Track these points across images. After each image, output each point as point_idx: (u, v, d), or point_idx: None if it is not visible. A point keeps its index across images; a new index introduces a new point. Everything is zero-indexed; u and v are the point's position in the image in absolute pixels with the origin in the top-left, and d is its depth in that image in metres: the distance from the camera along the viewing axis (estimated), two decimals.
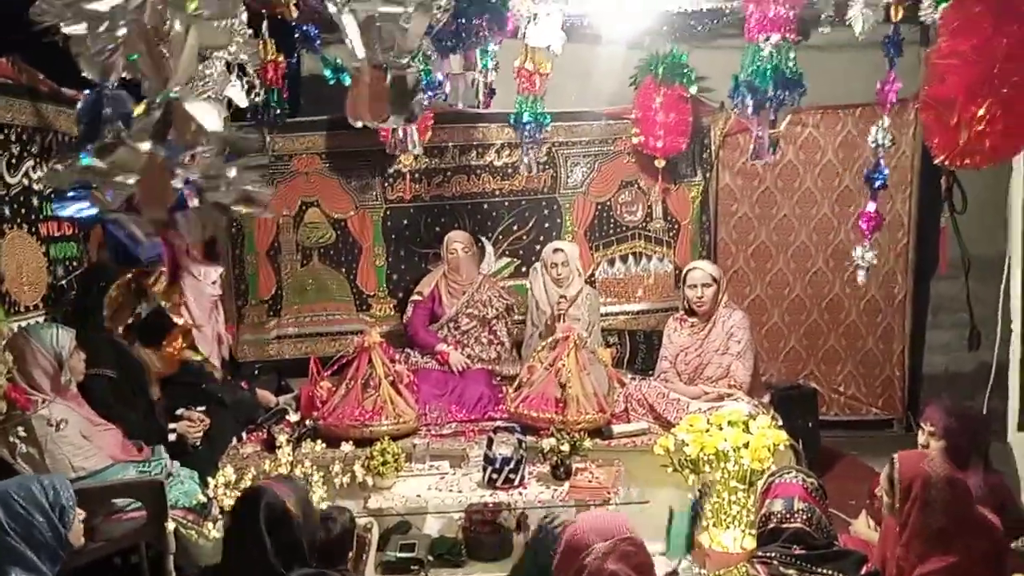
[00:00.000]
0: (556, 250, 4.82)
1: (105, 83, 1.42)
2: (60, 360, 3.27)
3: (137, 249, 1.51)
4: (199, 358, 3.95)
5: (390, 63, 1.62)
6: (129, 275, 3.74)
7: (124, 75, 1.41)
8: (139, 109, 1.39)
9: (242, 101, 2.33)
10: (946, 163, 2.83)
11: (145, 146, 1.35)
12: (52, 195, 1.44)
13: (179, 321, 3.81)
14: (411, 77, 1.66)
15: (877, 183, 3.17)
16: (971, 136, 2.83)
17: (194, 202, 1.41)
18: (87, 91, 1.47)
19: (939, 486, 2.39)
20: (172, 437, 3.73)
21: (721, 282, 4.38)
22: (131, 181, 1.36)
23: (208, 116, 1.35)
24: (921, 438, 3.23)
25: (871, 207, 3.24)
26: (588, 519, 2.17)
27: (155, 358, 3.82)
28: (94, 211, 1.45)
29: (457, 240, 4.97)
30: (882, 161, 3.15)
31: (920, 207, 5.14)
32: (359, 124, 1.78)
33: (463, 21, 2.66)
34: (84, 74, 1.43)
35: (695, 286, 4.31)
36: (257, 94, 2.78)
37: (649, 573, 2.07)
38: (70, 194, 1.43)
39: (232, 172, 1.45)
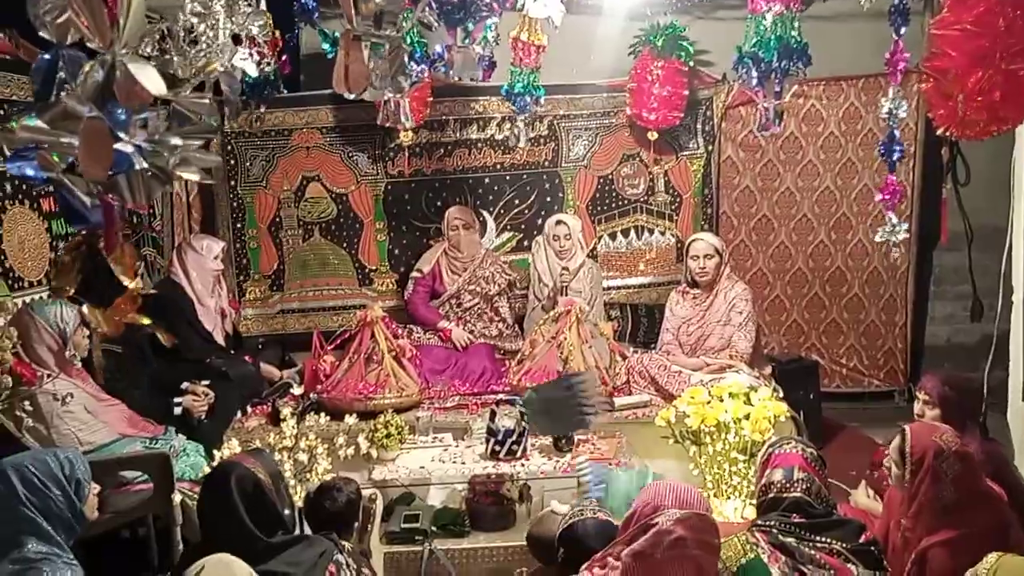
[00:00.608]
0: (559, 222, 4.82)
1: (61, 43, 1.38)
2: (64, 336, 3.29)
3: (86, 211, 1.48)
4: (147, 322, 3.87)
5: (369, 35, 1.60)
6: (80, 237, 3.70)
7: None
8: (84, 70, 1.36)
9: (252, 71, 2.32)
10: (948, 134, 2.82)
11: (86, 107, 1.31)
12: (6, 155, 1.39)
13: (129, 284, 3.73)
14: (393, 48, 1.64)
15: (895, 155, 3.12)
16: (972, 107, 2.81)
17: (137, 165, 1.37)
18: (45, 52, 1.45)
19: (951, 460, 2.40)
20: (178, 411, 3.76)
21: (723, 254, 4.38)
22: (75, 142, 1.33)
23: (152, 80, 1.33)
24: (916, 407, 3.25)
25: (892, 178, 3.19)
26: (669, 485, 2.12)
27: (101, 319, 3.74)
28: (43, 172, 1.42)
29: (458, 216, 4.93)
30: (897, 132, 3.10)
31: (923, 178, 5.12)
32: (348, 96, 1.76)
33: None
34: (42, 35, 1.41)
35: (697, 257, 4.32)
36: (267, 64, 2.75)
37: (714, 555, 2.02)
38: (21, 154, 1.40)
39: (176, 137, 1.42)
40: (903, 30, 2.89)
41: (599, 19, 4.99)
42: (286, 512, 2.43)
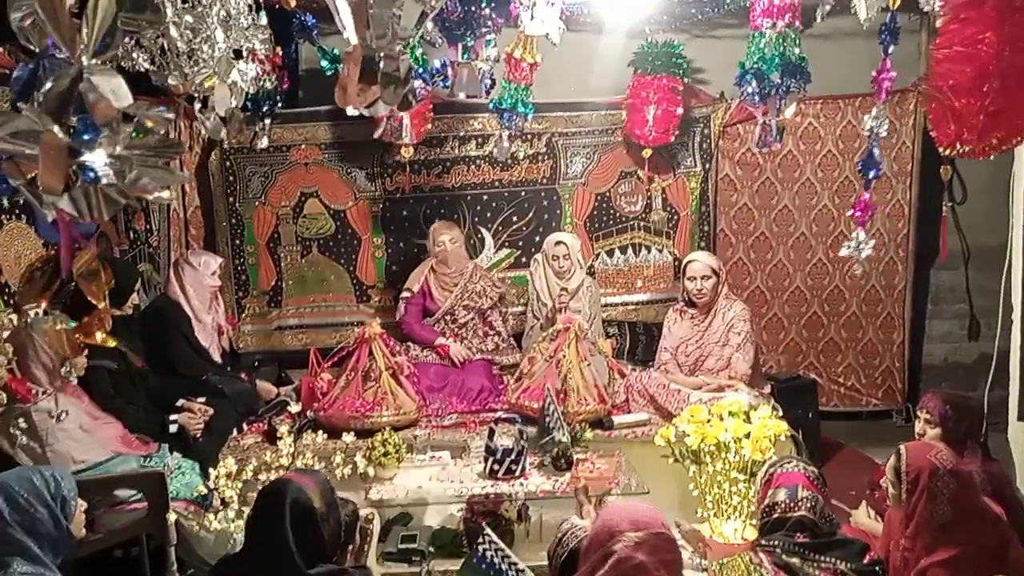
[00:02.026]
0: (558, 242, 4.78)
1: (44, 52, 1.33)
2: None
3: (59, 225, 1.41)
4: (113, 344, 3.70)
5: (382, 50, 1.57)
6: (52, 251, 3.59)
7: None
8: (49, 81, 1.30)
9: (250, 87, 2.31)
10: (949, 153, 2.82)
11: (44, 120, 1.26)
12: None
13: (99, 305, 3.54)
14: (403, 65, 1.61)
15: (871, 173, 3.12)
16: (973, 126, 2.82)
17: (101, 181, 1.31)
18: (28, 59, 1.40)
19: (946, 478, 2.39)
20: (173, 428, 3.72)
21: (721, 274, 4.36)
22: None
23: (118, 90, 1.28)
24: (918, 426, 3.24)
25: (865, 196, 3.20)
26: (624, 506, 2.11)
27: (64, 340, 3.43)
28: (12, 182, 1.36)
29: (444, 232, 4.84)
30: (875, 150, 3.10)
31: (921, 196, 5.14)
32: (350, 112, 1.73)
33: (472, 9, 2.64)
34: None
35: (694, 278, 4.29)
36: (267, 81, 2.72)
37: (677, 571, 2.02)
38: None
39: (137, 151, 1.37)
40: (891, 49, 2.90)
41: (598, 37, 5.01)
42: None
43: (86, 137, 1.25)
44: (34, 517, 2.15)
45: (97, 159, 1.27)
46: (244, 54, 2.17)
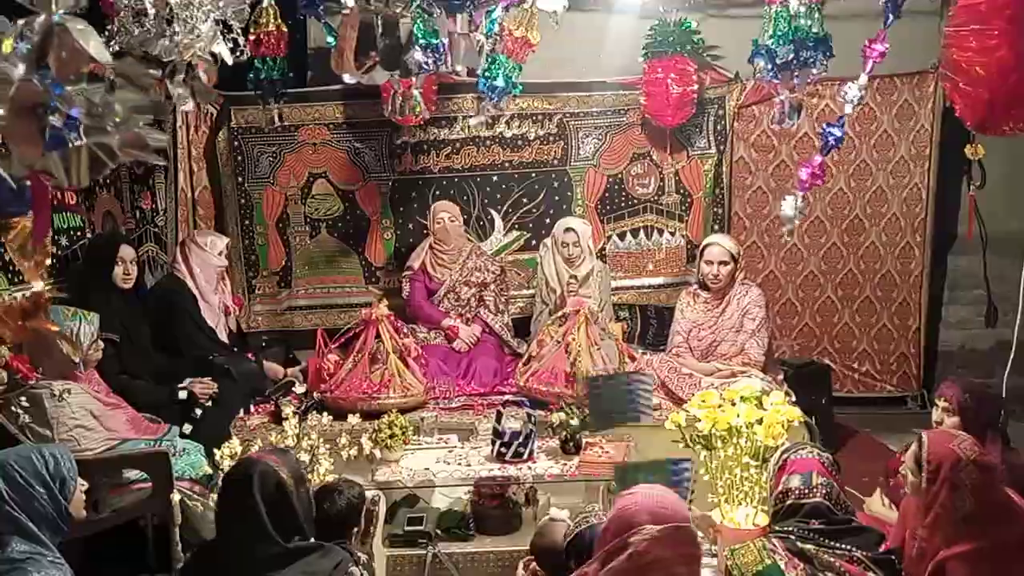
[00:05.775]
0: (568, 229, 4.70)
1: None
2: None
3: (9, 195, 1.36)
4: (55, 329, 3.59)
5: (381, 12, 1.50)
6: None
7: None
8: (11, 31, 1.20)
9: (228, 59, 2.25)
10: (973, 130, 2.75)
11: (19, 72, 1.18)
12: None
13: (36, 286, 3.47)
14: (403, 29, 1.54)
15: (831, 138, 3.10)
16: (988, 104, 2.75)
17: (74, 142, 1.22)
18: None
19: (969, 469, 2.31)
20: (183, 395, 3.73)
21: (739, 259, 4.27)
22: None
23: (95, 45, 1.19)
24: (935, 414, 3.18)
25: (818, 159, 3.15)
26: (645, 495, 2.02)
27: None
28: None
29: (444, 210, 4.82)
30: (845, 119, 3.09)
31: (939, 181, 5.04)
32: (347, 79, 1.66)
33: None
34: None
35: (711, 262, 4.21)
36: (241, 52, 2.64)
37: (695, 566, 1.97)
38: None
39: (119, 109, 1.28)
40: (890, 20, 2.86)
41: (609, 16, 4.93)
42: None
43: (60, 91, 1.17)
44: (31, 496, 2.13)
45: (71, 117, 1.18)
46: (213, 24, 2.11)
